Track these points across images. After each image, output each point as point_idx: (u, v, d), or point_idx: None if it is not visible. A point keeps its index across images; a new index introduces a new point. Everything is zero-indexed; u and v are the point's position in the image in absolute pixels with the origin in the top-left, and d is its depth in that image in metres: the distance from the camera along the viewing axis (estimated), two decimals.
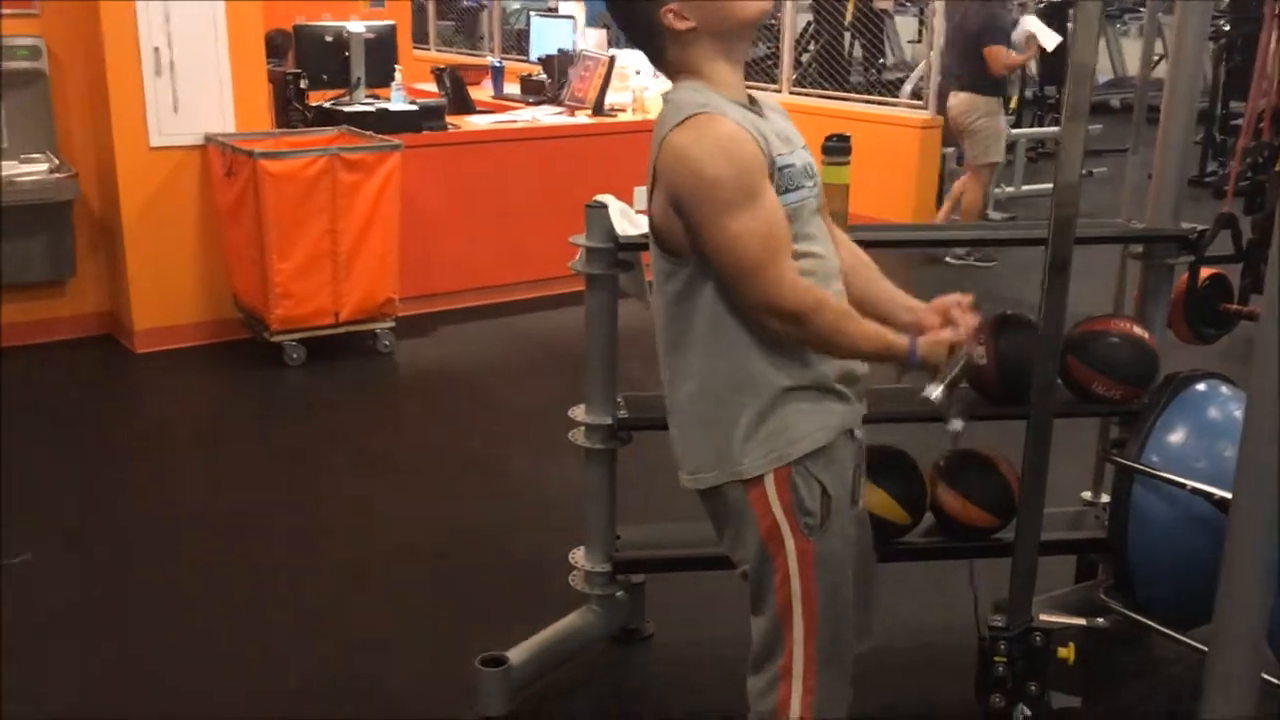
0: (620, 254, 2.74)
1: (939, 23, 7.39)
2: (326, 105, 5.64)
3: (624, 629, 3.04)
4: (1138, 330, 2.84)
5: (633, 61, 6.45)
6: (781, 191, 1.89)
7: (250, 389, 4.97)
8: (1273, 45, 2.77)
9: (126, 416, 4.77)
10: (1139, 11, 13.97)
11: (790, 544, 1.98)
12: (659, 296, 2.01)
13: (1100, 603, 2.88)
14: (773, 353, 1.94)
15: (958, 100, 6.86)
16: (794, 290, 1.88)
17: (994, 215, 8.06)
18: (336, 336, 5.16)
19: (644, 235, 2.71)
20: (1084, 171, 8.64)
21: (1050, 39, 6.97)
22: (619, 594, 2.97)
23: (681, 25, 1.90)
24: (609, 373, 2.82)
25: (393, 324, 5.29)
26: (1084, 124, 1.95)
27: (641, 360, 2.46)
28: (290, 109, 5.56)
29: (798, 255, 1.91)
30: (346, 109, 5.57)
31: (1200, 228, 2.83)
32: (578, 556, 2.96)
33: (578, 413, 2.87)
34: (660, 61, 1.98)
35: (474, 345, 5.58)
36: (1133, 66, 13.65)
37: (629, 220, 2.73)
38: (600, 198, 2.74)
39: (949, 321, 2.01)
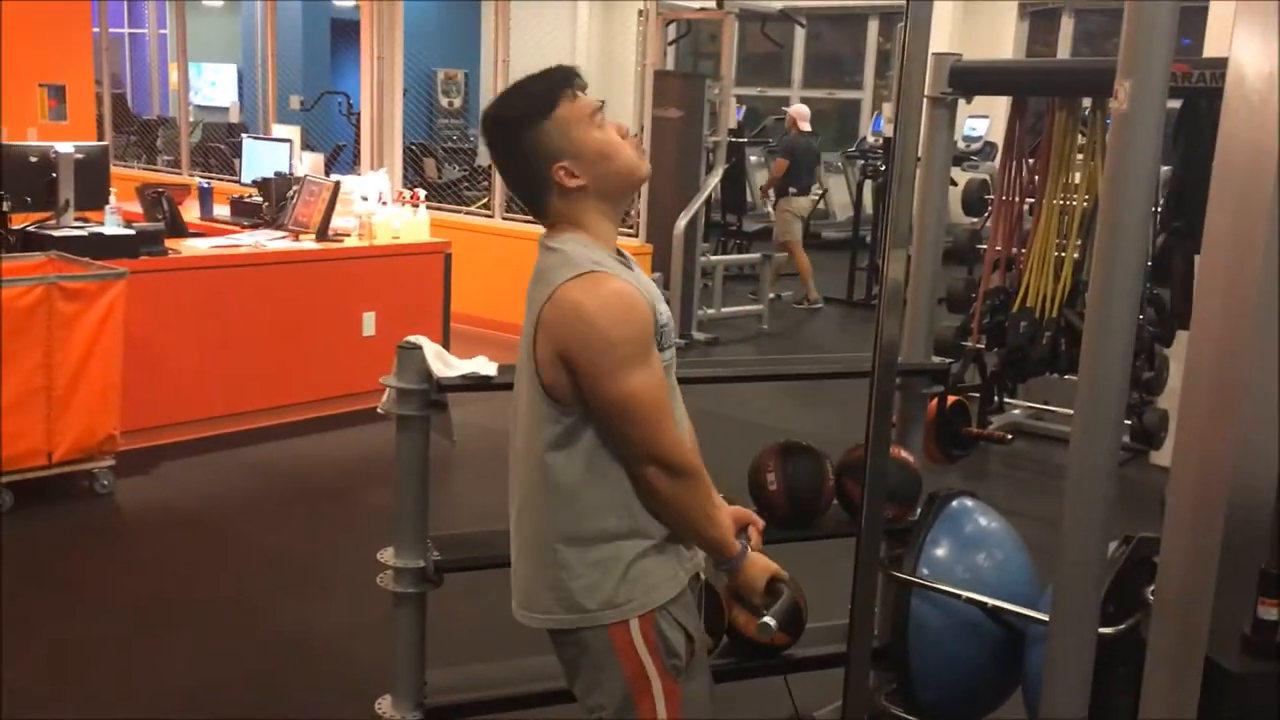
0: (433, 395, 2.74)
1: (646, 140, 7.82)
2: (31, 229, 5.24)
3: None
4: (904, 454, 3.13)
5: (358, 187, 6.43)
6: (660, 348, 1.97)
7: None
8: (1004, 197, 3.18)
9: None
10: (769, 142, 14.94)
11: (658, 687, 2.00)
12: (531, 438, 2.00)
13: (881, 708, 3.10)
14: (640, 502, 1.98)
15: None
16: (679, 444, 1.97)
17: (698, 336, 8.54)
18: (48, 479, 4.74)
19: (461, 376, 2.77)
20: (773, 295, 9.20)
21: None
22: None
23: (571, 183, 1.95)
24: (421, 514, 2.78)
25: (112, 462, 4.92)
26: (899, 270, 2.18)
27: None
28: None
29: None
30: (55, 233, 5.20)
31: (949, 362, 3.17)
32: (384, 705, 2.86)
33: (386, 555, 2.81)
34: (541, 211, 2.01)
35: (201, 480, 5.26)
36: None
37: (443, 361, 2.74)
38: (413, 339, 2.74)
39: (742, 532, 2.13)
